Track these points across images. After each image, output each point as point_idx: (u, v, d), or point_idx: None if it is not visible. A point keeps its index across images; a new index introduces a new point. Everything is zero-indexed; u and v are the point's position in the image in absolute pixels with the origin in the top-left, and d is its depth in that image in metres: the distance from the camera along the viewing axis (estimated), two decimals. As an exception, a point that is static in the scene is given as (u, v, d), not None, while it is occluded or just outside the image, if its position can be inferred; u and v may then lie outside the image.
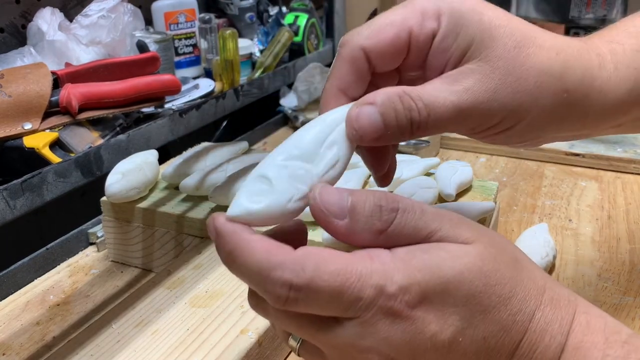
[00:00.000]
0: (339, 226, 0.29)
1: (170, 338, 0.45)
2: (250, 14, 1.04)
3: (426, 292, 0.28)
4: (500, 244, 0.30)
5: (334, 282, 0.27)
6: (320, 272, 0.27)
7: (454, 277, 0.28)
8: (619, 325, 0.31)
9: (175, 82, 0.60)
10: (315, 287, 0.27)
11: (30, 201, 0.53)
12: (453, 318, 0.28)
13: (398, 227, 0.29)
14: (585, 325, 0.30)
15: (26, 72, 0.53)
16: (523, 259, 0.31)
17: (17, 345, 0.51)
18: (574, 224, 0.68)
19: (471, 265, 0.28)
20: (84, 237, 0.66)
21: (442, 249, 0.29)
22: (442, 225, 0.29)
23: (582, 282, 0.57)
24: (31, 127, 0.51)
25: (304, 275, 0.27)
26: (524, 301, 0.29)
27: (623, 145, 0.84)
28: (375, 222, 0.29)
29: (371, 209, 0.29)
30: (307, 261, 0.27)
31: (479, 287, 0.28)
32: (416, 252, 0.28)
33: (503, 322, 0.29)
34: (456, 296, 0.28)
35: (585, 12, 0.98)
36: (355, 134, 0.31)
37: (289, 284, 0.27)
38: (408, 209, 0.29)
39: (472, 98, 0.32)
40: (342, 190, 0.29)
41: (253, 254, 0.28)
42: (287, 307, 0.28)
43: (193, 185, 0.59)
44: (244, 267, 0.28)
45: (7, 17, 0.71)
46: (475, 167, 0.83)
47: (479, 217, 0.53)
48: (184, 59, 0.92)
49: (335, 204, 0.29)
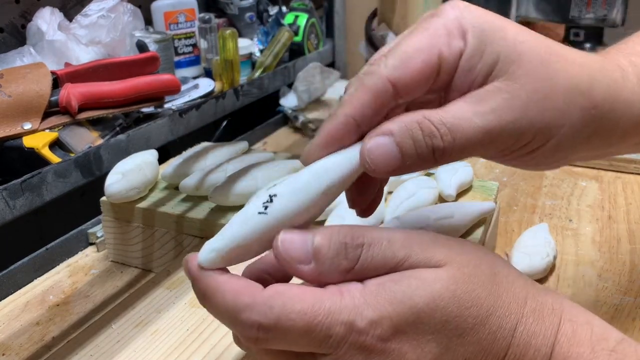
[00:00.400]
0: (305, 271, 0.29)
1: (170, 338, 0.45)
2: (250, 14, 1.04)
3: (398, 324, 0.27)
4: (475, 261, 0.29)
5: (300, 321, 0.27)
6: (287, 311, 0.27)
7: (427, 305, 0.27)
8: (608, 331, 0.30)
9: (175, 82, 0.60)
10: (282, 326, 0.27)
11: (30, 201, 0.53)
12: (430, 345, 0.28)
13: (365, 262, 0.29)
14: (571, 335, 0.29)
15: (26, 72, 0.53)
16: (501, 271, 0.30)
17: (16, 346, 0.51)
18: (575, 224, 0.68)
19: (444, 290, 0.28)
20: (83, 237, 0.66)
21: (413, 276, 0.28)
22: (412, 251, 0.29)
23: (582, 283, 0.57)
24: (31, 127, 0.51)
25: (271, 316, 0.27)
26: (504, 317, 0.29)
27: (623, 145, 0.84)
28: (341, 262, 0.29)
29: (336, 249, 0.29)
30: (275, 301, 0.28)
31: (453, 311, 0.28)
32: (387, 284, 0.28)
33: (483, 342, 0.28)
34: (430, 324, 0.27)
35: (586, 12, 0.98)
36: (369, 168, 0.30)
37: (257, 324, 0.28)
38: (374, 242, 0.29)
39: (500, 118, 0.30)
40: (305, 233, 0.29)
41: (222, 297, 0.28)
42: (260, 346, 0.28)
43: (193, 185, 0.59)
44: (215, 309, 0.29)
45: (6, 17, 0.71)
46: (475, 167, 0.83)
47: (479, 217, 0.53)
48: (184, 59, 0.92)
49: (299, 250, 0.29)
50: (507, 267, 0.31)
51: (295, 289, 0.28)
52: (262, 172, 0.59)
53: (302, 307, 0.27)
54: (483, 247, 0.32)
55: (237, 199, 0.57)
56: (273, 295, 0.28)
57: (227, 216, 0.57)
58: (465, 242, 0.31)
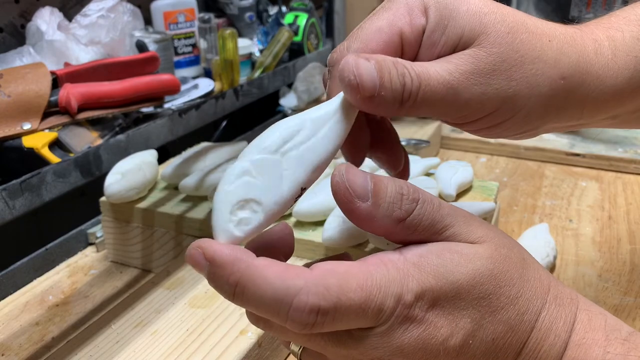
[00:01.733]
0: (360, 208, 0.28)
1: (169, 339, 0.45)
2: (250, 14, 1.04)
3: (439, 297, 0.28)
4: (509, 244, 0.30)
5: (359, 298, 0.26)
6: (344, 290, 0.26)
7: (467, 281, 0.28)
8: (619, 323, 0.31)
9: (174, 81, 0.60)
10: (342, 306, 0.26)
11: (30, 201, 0.53)
12: (464, 321, 0.28)
13: (417, 217, 0.28)
14: (587, 323, 0.30)
15: (25, 72, 0.53)
16: (528, 258, 0.31)
17: (16, 346, 0.51)
18: (575, 224, 0.68)
19: (483, 268, 0.28)
20: (83, 238, 0.66)
21: (455, 251, 0.28)
22: (456, 221, 0.29)
23: (582, 283, 0.57)
24: (30, 127, 0.51)
25: (330, 297, 0.26)
26: (531, 300, 0.29)
27: (623, 145, 0.84)
28: (395, 210, 0.28)
29: (393, 195, 0.28)
30: (329, 280, 0.26)
31: (490, 289, 0.28)
32: (429, 257, 0.28)
33: (511, 322, 0.29)
34: (467, 299, 0.28)
35: (586, 12, 0.98)
36: (353, 81, 0.29)
37: (317, 308, 0.25)
38: (427, 200, 0.29)
39: (465, 79, 0.31)
40: (365, 172, 0.29)
41: (267, 283, 0.25)
42: (314, 330, 0.26)
43: (192, 186, 0.59)
44: (257, 298, 0.26)
45: (6, 17, 0.71)
46: (475, 167, 0.83)
47: (479, 217, 0.53)
48: (184, 59, 0.92)
49: (360, 185, 0.28)
50: (532, 257, 0.32)
51: (342, 265, 0.27)
52: (262, 172, 0.59)
53: (357, 282, 0.26)
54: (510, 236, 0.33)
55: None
56: (325, 274, 0.26)
57: (227, 216, 0.57)
58: (497, 228, 0.32)
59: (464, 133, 0.89)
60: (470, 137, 0.88)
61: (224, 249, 0.26)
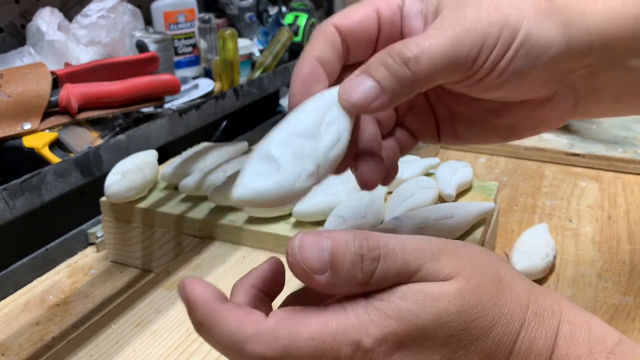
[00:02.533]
0: (320, 282, 0.28)
1: (169, 338, 0.45)
2: (250, 14, 1.04)
3: (402, 339, 0.27)
4: (482, 269, 0.29)
5: (308, 347, 0.26)
6: (293, 339, 0.26)
7: (432, 322, 0.27)
8: (606, 332, 0.30)
9: (174, 82, 0.60)
10: (290, 355, 0.26)
11: (30, 201, 0.53)
12: (433, 358, 0.27)
13: (380, 275, 0.28)
14: (569, 337, 0.29)
15: (25, 72, 0.53)
16: (505, 277, 0.30)
17: (16, 346, 0.51)
18: (574, 224, 0.68)
19: (450, 306, 0.27)
20: (83, 238, 0.66)
21: (419, 291, 0.28)
22: (424, 263, 0.28)
23: (582, 283, 0.57)
24: (30, 127, 0.51)
25: (277, 347, 0.26)
26: (507, 325, 0.29)
27: (623, 145, 0.84)
28: (357, 275, 0.28)
29: (352, 260, 0.28)
30: (280, 330, 0.26)
31: (460, 325, 0.27)
32: (392, 300, 0.28)
33: (487, 351, 0.28)
34: (435, 339, 0.27)
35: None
36: (349, 105, 0.31)
37: (262, 357, 0.26)
38: (389, 253, 0.28)
39: (461, 25, 0.31)
40: (320, 239, 0.28)
41: (225, 327, 0.27)
42: None
43: (192, 186, 0.59)
44: (216, 339, 0.28)
45: (6, 17, 0.71)
46: (475, 167, 0.83)
47: (479, 217, 0.53)
48: (184, 59, 0.92)
49: (315, 259, 0.28)
50: (510, 272, 0.31)
51: (298, 313, 0.27)
52: (262, 172, 0.59)
53: (308, 332, 0.27)
54: (488, 251, 0.32)
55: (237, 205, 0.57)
56: (277, 322, 0.27)
57: (227, 216, 0.57)
58: (472, 247, 0.31)
59: (464, 133, 0.89)
60: (470, 137, 0.88)
61: (197, 291, 0.28)
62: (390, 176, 0.39)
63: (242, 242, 0.56)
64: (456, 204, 0.54)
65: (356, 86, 0.31)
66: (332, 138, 0.30)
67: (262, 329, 0.27)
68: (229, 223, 0.56)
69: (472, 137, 0.40)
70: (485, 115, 0.39)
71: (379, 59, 0.31)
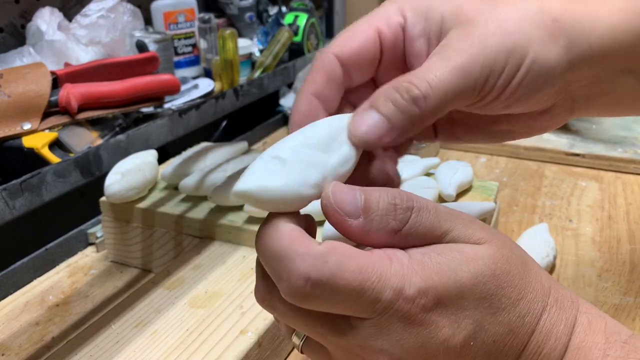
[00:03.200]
0: (352, 226, 0.28)
1: (169, 338, 0.45)
2: (250, 14, 1.04)
3: (442, 295, 0.27)
4: (510, 246, 0.30)
5: (354, 280, 0.26)
6: (342, 268, 0.26)
7: (469, 280, 0.28)
8: (619, 326, 0.31)
9: (174, 82, 0.60)
10: (335, 284, 0.26)
11: (30, 201, 0.53)
12: (466, 322, 0.28)
13: (413, 226, 0.28)
14: (587, 325, 0.30)
15: (25, 72, 0.53)
16: (529, 260, 0.31)
17: (16, 346, 0.51)
18: (574, 224, 0.68)
19: (485, 267, 0.28)
20: (83, 238, 0.66)
21: (457, 250, 0.28)
22: (455, 225, 0.29)
23: (582, 283, 0.57)
24: (30, 127, 0.51)
25: (324, 271, 0.26)
26: (532, 303, 0.29)
27: (623, 145, 0.84)
28: (390, 221, 0.28)
29: (385, 208, 0.28)
30: (330, 256, 0.26)
31: (491, 289, 0.28)
32: (431, 255, 0.28)
33: (512, 324, 0.29)
34: (470, 299, 0.28)
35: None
36: (359, 142, 0.30)
37: (307, 276, 0.26)
38: (423, 207, 0.28)
39: (467, 53, 0.31)
40: (354, 188, 0.28)
41: (278, 239, 0.27)
42: (300, 301, 0.27)
43: (192, 186, 0.59)
44: (267, 250, 0.28)
45: (6, 17, 0.71)
46: (475, 167, 0.83)
47: (479, 217, 0.53)
48: (184, 59, 0.92)
49: (349, 203, 0.28)
50: (533, 260, 0.32)
51: (349, 248, 0.27)
52: (262, 172, 0.59)
53: (357, 265, 0.26)
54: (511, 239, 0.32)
55: (237, 199, 0.57)
56: (328, 250, 0.27)
57: (227, 216, 0.57)
58: (497, 231, 0.32)
59: (464, 133, 0.89)
60: (470, 137, 0.88)
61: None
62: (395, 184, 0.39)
63: (242, 242, 0.56)
64: (456, 204, 0.54)
65: (365, 122, 0.31)
66: (343, 156, 0.30)
67: (314, 251, 0.27)
68: (229, 223, 0.56)
69: (469, 139, 0.41)
70: (484, 123, 0.39)
71: (386, 94, 0.31)
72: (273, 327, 0.46)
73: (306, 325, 0.29)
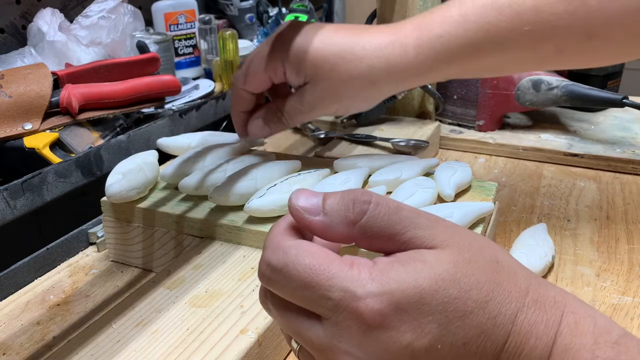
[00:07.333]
0: (314, 222, 0.31)
1: (170, 338, 0.45)
2: (250, 15, 1.05)
3: (400, 301, 0.28)
4: (476, 247, 0.30)
5: (304, 272, 0.29)
6: (296, 261, 0.30)
7: (430, 286, 0.28)
8: (610, 325, 0.30)
9: (175, 82, 0.61)
10: (287, 273, 0.30)
11: (31, 201, 0.53)
12: (430, 326, 0.28)
13: (371, 219, 0.30)
14: (573, 326, 0.29)
15: (26, 73, 0.53)
16: (504, 260, 0.31)
17: (17, 345, 0.51)
18: (573, 224, 0.68)
19: (445, 273, 0.28)
20: (84, 237, 0.66)
21: (419, 260, 0.29)
22: (416, 224, 0.30)
23: (580, 282, 0.57)
24: (31, 127, 0.52)
25: (281, 260, 0.30)
26: (504, 304, 0.29)
27: (621, 145, 0.84)
28: (348, 214, 0.30)
29: (344, 203, 0.31)
30: (291, 249, 0.30)
31: (454, 293, 0.28)
32: (395, 264, 0.29)
33: (483, 327, 0.28)
34: (431, 304, 0.28)
35: None
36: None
37: (267, 262, 0.31)
38: (382, 203, 0.30)
39: (313, 100, 0.57)
40: (316, 192, 0.32)
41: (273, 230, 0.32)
42: (265, 283, 0.31)
43: (193, 185, 0.60)
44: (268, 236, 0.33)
45: (7, 18, 0.71)
46: (474, 167, 0.84)
47: (478, 217, 0.53)
48: (184, 60, 0.93)
49: (310, 202, 0.32)
50: (510, 259, 0.32)
51: (313, 247, 0.30)
52: (262, 172, 0.60)
53: (309, 262, 0.29)
54: (488, 239, 0.33)
55: (237, 199, 0.57)
56: (293, 244, 0.31)
57: (227, 216, 0.57)
58: (469, 231, 0.32)
59: (463, 134, 0.90)
60: (469, 138, 0.88)
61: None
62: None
63: (242, 242, 0.56)
64: (455, 204, 0.55)
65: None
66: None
67: (283, 243, 0.31)
68: (229, 223, 0.56)
69: None
70: None
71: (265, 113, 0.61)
72: (273, 326, 0.46)
73: (286, 322, 0.32)
